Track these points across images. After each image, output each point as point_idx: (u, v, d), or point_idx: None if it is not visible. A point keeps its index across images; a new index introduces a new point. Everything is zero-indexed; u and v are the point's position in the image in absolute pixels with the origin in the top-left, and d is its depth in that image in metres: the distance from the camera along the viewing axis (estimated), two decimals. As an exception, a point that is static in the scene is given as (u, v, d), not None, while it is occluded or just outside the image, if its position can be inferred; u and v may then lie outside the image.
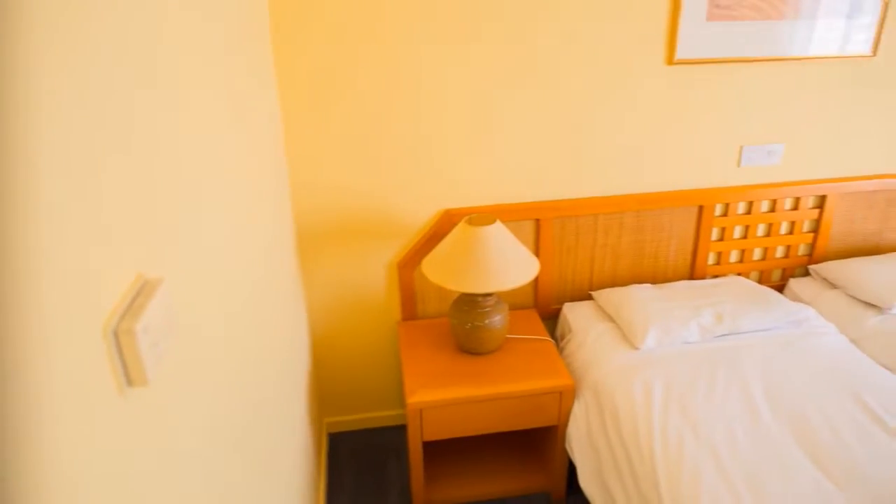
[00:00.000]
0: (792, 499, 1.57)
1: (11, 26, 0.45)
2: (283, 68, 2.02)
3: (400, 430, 2.63)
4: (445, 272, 2.00)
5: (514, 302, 2.47)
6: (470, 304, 2.11)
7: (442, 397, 2.01)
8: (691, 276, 2.57)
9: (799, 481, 1.62)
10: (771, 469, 1.66)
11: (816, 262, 2.65)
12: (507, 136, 2.24)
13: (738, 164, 2.47)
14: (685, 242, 2.51)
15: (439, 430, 2.07)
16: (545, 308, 2.49)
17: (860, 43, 2.41)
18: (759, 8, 2.27)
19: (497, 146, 2.25)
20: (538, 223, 2.35)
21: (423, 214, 2.31)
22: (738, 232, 2.57)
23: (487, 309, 2.10)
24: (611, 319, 2.29)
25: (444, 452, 2.43)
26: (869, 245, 2.72)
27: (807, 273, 2.69)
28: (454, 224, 2.23)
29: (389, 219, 2.29)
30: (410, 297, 2.39)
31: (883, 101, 2.50)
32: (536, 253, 2.39)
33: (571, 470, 2.18)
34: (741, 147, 2.45)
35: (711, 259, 2.58)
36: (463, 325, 2.11)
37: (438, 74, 2.11)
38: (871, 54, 2.42)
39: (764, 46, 2.32)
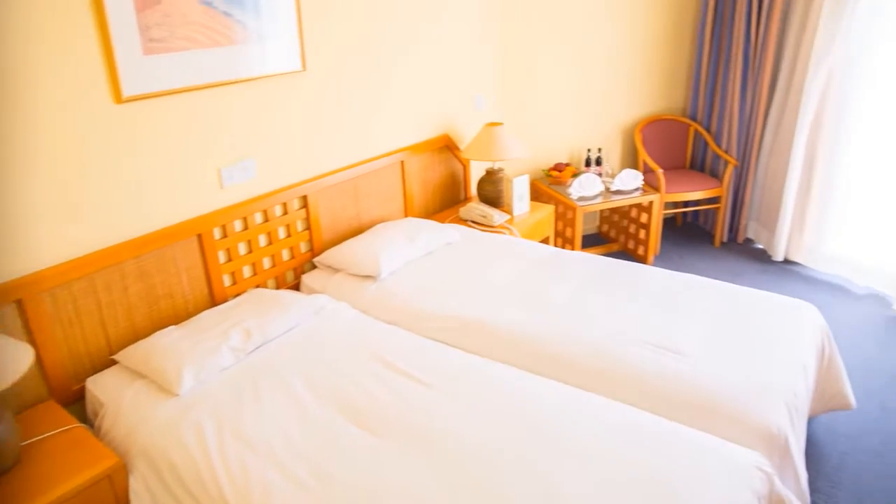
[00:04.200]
0: (350, 467, 1.73)
1: None
2: None
3: None
4: None
5: (23, 401, 2.09)
6: (-45, 427, 1.71)
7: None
8: (213, 304, 2.57)
9: (352, 449, 1.80)
10: (328, 450, 1.80)
11: (318, 254, 2.95)
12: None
13: (222, 186, 2.55)
14: (196, 273, 2.50)
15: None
16: (66, 392, 2.18)
17: (294, 61, 2.72)
18: (193, 39, 2.35)
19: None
20: (21, 304, 2.02)
21: None
22: (243, 248, 2.67)
23: (-18, 424, 1.73)
24: (143, 376, 2.14)
25: None
26: (353, 227, 3.16)
27: (314, 266, 2.97)
28: None
29: None
30: None
31: (315, 104, 2.88)
32: (30, 338, 2.06)
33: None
34: (219, 169, 2.53)
35: (227, 281, 2.63)
36: (-45, 456, 1.70)
37: None
38: (302, 69, 2.76)
39: (216, 72, 2.43)
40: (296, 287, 2.91)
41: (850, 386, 2.61)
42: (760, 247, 4.49)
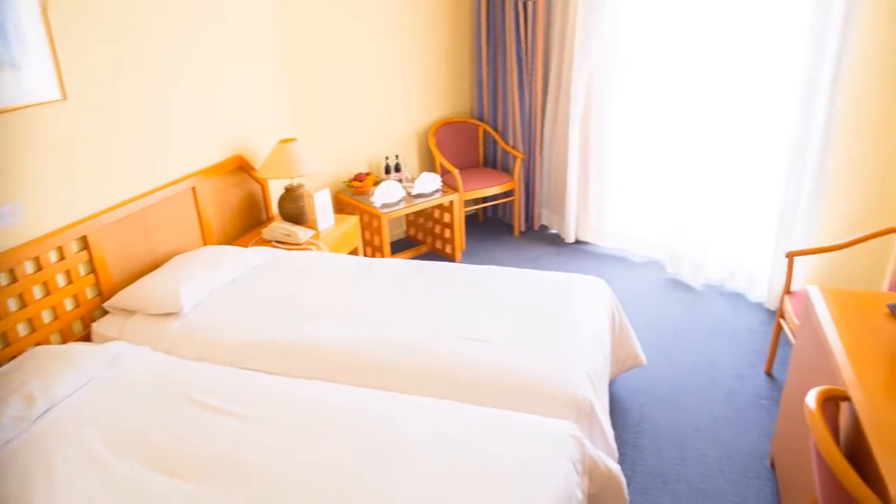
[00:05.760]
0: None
1: None
2: None
3: None
4: None
5: None
6: None
7: None
8: (-16, 371, 2.24)
9: (166, 502, 1.66)
10: (140, 509, 1.65)
11: (109, 298, 2.69)
12: None
13: (-21, 236, 2.24)
14: (-43, 340, 2.17)
15: None
16: None
17: (51, 89, 2.46)
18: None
19: None
20: None
21: None
22: (14, 304, 2.36)
23: None
24: None
25: None
26: (147, 264, 2.93)
27: (106, 312, 2.71)
28: None
29: None
30: None
31: (84, 135, 2.62)
32: None
33: None
34: (-28, 218, 2.22)
35: (-1, 343, 2.31)
36: None
37: None
38: (62, 98, 2.50)
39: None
40: (86, 338, 2.63)
41: (640, 345, 2.93)
42: (554, 231, 4.88)
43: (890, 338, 1.85)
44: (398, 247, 4.64)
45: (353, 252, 3.79)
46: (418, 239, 4.72)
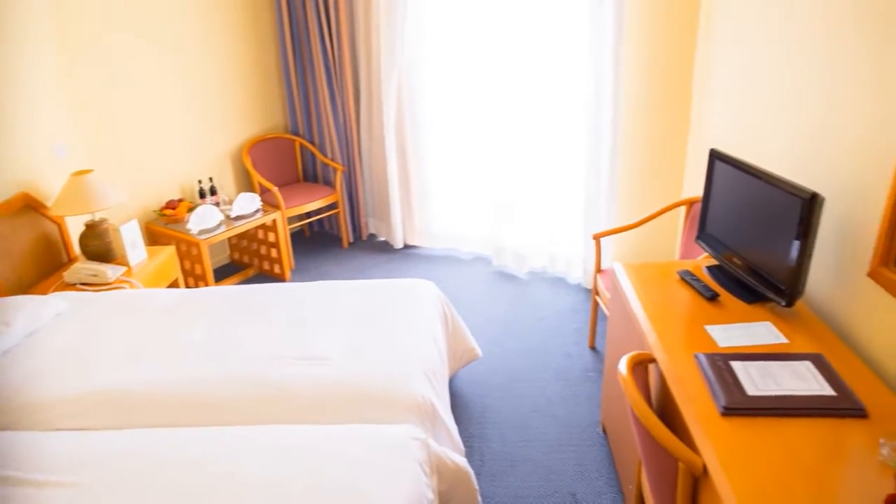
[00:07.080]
0: None
1: None
2: None
3: None
4: None
5: None
6: None
7: None
8: None
9: None
10: None
11: None
12: None
13: None
14: None
15: None
16: None
17: None
18: None
19: None
20: None
21: None
22: None
23: None
24: None
25: None
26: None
27: None
28: None
29: None
30: None
31: None
32: None
33: None
34: None
35: None
36: None
37: None
38: None
39: None
40: None
41: (475, 338, 3.04)
42: (383, 239, 4.91)
43: (682, 301, 2.08)
44: (223, 273, 4.42)
45: (174, 284, 3.55)
46: (244, 262, 4.53)
